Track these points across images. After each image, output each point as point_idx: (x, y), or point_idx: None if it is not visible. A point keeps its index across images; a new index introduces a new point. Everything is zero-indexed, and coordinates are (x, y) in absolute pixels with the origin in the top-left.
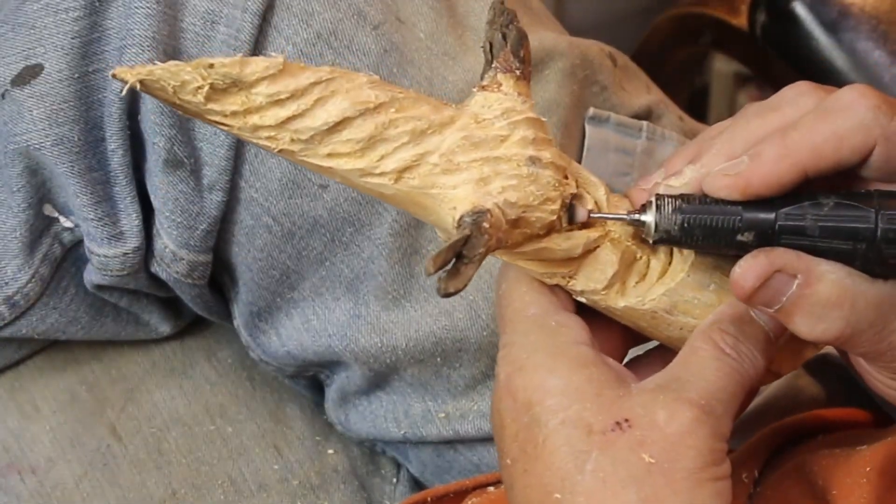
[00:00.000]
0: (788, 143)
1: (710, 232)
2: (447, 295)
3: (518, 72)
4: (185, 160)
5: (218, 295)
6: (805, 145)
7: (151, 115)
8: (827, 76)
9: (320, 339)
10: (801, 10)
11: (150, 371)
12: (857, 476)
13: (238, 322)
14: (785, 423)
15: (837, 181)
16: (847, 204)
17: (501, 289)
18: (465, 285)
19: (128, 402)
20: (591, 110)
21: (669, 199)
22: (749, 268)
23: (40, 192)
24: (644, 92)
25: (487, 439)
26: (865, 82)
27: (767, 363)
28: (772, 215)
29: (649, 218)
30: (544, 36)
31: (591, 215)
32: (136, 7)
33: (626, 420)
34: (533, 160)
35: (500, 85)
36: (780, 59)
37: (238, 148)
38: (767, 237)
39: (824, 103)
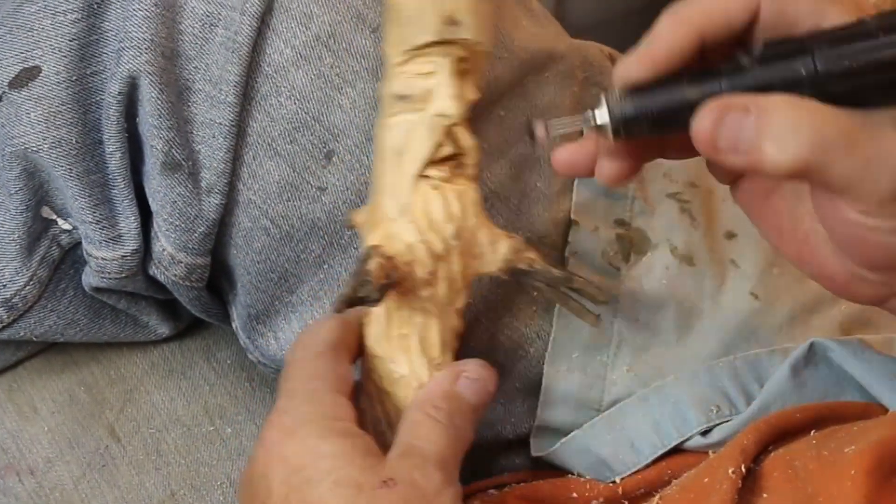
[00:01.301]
0: (681, 13)
1: (661, 97)
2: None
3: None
4: (184, 163)
5: (216, 297)
6: (695, 10)
7: (150, 118)
8: None
9: None
10: None
11: (149, 372)
12: (842, 480)
13: (236, 324)
14: (775, 416)
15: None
16: (779, 42)
17: (295, 355)
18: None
19: (126, 403)
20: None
21: (617, 93)
22: (702, 116)
23: (38, 195)
24: None
25: (489, 445)
26: None
27: (473, 432)
28: (714, 74)
29: (602, 110)
30: (544, 38)
31: (551, 129)
32: (134, 9)
33: (392, 479)
34: None
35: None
36: None
37: (236, 151)
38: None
39: None
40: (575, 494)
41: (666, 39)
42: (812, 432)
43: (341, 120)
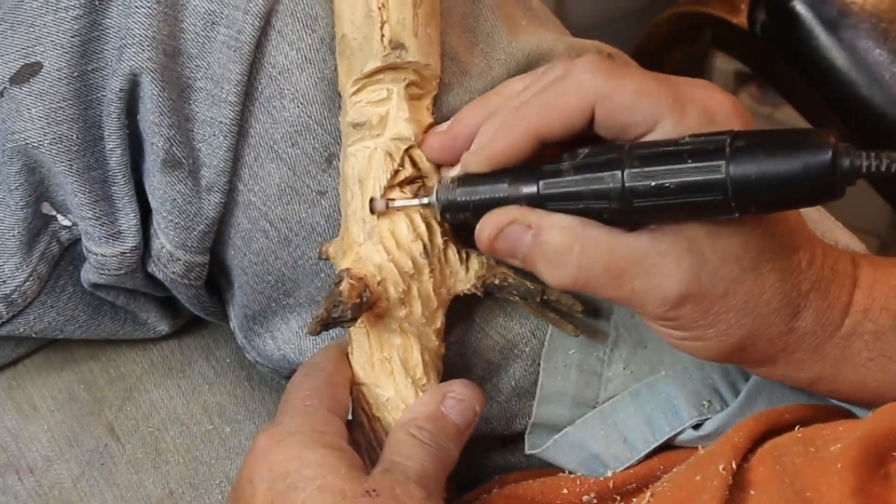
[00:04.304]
0: (520, 112)
1: (482, 191)
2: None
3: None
4: (184, 161)
5: (215, 296)
6: (531, 113)
7: (150, 115)
8: (827, 74)
9: (321, 346)
10: (801, 8)
11: (149, 370)
12: (829, 475)
13: (234, 324)
14: (765, 413)
15: (584, 143)
16: (600, 150)
17: (296, 378)
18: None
19: (126, 402)
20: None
21: (450, 179)
22: (483, 225)
23: (38, 191)
24: None
25: (484, 443)
26: (865, 81)
27: (459, 452)
28: (532, 182)
29: (434, 199)
30: (542, 37)
31: (390, 205)
32: (136, 6)
33: (374, 490)
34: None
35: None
36: (780, 57)
37: (237, 150)
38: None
39: (552, 75)
40: (565, 491)
41: (503, 138)
42: (797, 427)
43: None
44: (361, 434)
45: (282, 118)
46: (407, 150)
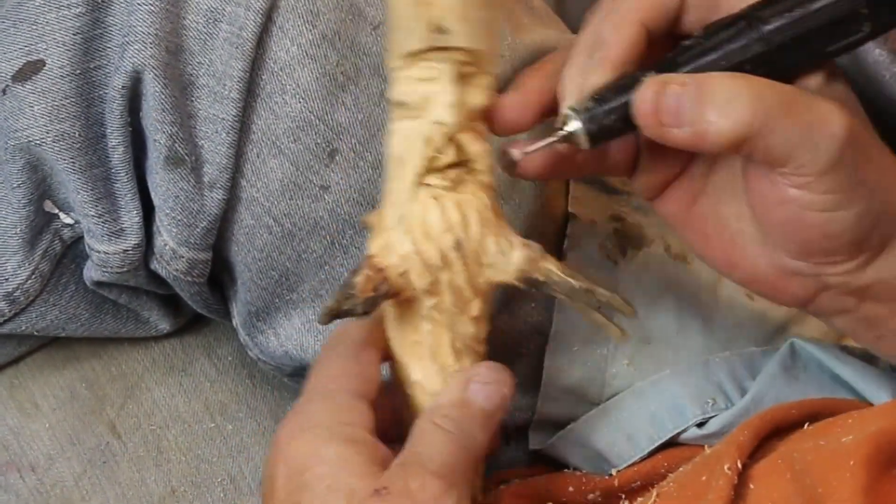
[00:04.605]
0: (620, 10)
1: (626, 96)
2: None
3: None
4: (187, 158)
5: (217, 293)
6: (632, 5)
7: (153, 112)
8: None
9: (322, 342)
10: None
11: (150, 368)
12: (841, 471)
13: (236, 321)
14: (770, 411)
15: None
16: (716, 23)
17: (323, 352)
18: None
19: (127, 400)
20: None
21: (575, 108)
22: (643, 91)
23: (41, 189)
24: None
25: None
26: (865, 81)
27: (488, 438)
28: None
29: (576, 123)
30: (546, 35)
31: (526, 150)
32: (138, 4)
33: (385, 488)
34: None
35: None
36: None
37: (240, 147)
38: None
39: None
40: (571, 489)
41: (615, 40)
42: (806, 425)
43: (345, 118)
44: (401, 402)
45: (283, 113)
46: (452, 134)
